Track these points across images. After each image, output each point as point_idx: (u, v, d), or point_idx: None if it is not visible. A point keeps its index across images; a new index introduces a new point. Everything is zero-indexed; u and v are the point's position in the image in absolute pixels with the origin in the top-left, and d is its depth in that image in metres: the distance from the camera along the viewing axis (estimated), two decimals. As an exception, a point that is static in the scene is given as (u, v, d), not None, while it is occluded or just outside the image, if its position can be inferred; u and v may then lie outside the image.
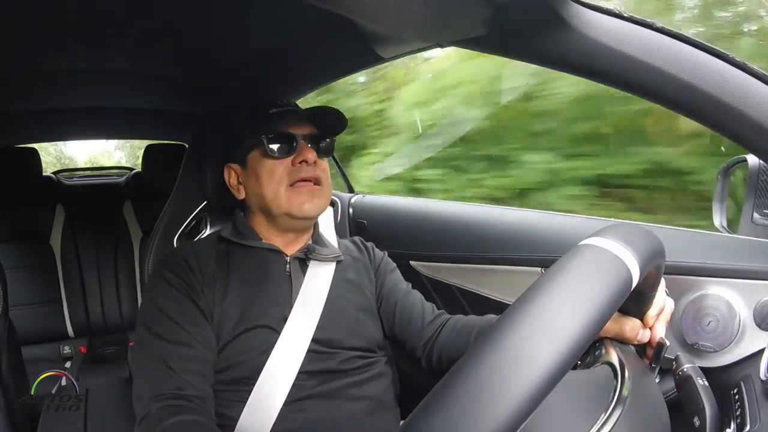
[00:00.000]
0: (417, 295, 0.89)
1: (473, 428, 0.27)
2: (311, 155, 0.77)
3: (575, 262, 0.35)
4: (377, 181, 2.60)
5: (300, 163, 0.77)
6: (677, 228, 0.87)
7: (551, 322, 0.31)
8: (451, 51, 2.19)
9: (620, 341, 0.52)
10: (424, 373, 0.86)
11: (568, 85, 1.71)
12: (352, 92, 2.88)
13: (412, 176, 2.45)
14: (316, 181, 0.79)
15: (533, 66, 0.65)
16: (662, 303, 0.55)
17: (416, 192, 2.39)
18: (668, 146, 1.51)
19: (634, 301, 0.51)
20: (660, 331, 0.54)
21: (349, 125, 0.85)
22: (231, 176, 0.84)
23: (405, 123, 2.59)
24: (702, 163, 1.42)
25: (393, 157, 2.57)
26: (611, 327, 0.53)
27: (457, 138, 2.22)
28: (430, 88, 2.48)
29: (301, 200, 0.77)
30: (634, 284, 0.36)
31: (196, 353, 0.70)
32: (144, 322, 0.72)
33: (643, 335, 0.54)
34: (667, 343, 0.53)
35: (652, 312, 0.53)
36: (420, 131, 2.44)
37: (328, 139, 0.83)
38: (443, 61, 2.42)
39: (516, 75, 1.89)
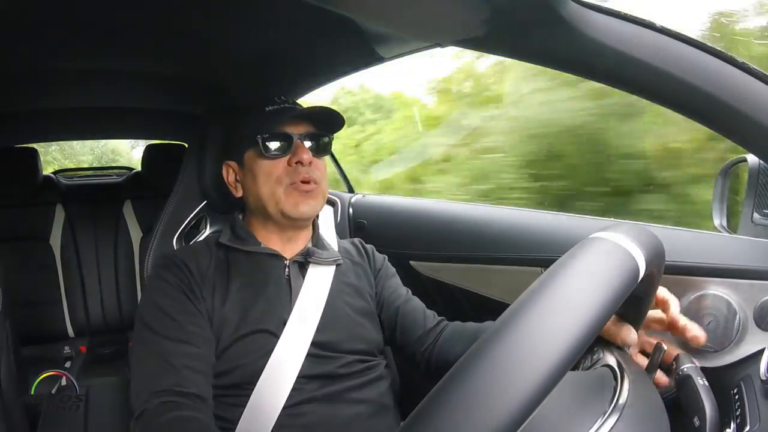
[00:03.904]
0: (417, 302, 0.89)
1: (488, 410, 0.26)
2: (306, 156, 0.78)
3: (584, 252, 0.35)
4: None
5: (296, 163, 0.78)
6: (677, 228, 0.87)
7: (562, 309, 0.30)
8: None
9: (617, 345, 0.52)
10: (424, 374, 0.85)
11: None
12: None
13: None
14: (312, 182, 0.79)
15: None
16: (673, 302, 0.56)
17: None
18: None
19: (632, 307, 0.52)
20: (691, 327, 0.56)
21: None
22: (229, 174, 0.85)
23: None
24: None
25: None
26: (610, 329, 0.53)
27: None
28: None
29: (295, 201, 0.78)
30: (641, 276, 0.36)
31: (197, 351, 0.69)
32: (143, 320, 0.72)
33: (635, 340, 0.54)
34: (665, 348, 0.54)
35: (674, 310, 0.56)
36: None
37: (325, 138, 0.83)
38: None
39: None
